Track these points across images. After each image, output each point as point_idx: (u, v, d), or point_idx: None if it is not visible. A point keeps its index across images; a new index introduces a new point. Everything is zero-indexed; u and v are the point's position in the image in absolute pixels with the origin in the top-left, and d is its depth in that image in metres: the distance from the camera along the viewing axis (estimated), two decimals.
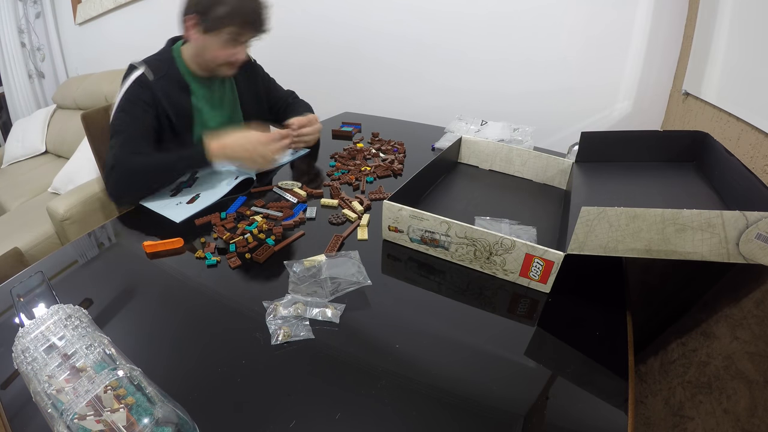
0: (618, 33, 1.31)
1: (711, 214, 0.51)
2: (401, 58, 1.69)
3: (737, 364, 0.54)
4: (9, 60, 2.62)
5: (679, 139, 0.83)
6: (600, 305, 0.63)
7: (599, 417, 0.48)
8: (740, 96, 0.81)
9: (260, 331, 0.55)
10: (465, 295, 0.64)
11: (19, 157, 2.41)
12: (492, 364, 0.54)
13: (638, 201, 0.72)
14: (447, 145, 1.03)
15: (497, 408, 0.48)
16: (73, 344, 0.42)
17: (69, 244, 0.79)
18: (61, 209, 1.47)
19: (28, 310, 0.54)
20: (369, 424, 0.45)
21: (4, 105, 2.83)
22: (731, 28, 0.88)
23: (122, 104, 0.94)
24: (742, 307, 0.57)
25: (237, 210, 0.84)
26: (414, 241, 0.72)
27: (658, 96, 1.31)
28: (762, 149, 0.68)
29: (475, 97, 1.60)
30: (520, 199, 0.92)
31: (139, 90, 0.94)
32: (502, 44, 1.48)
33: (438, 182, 0.96)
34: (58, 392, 0.38)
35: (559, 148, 1.18)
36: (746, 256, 0.52)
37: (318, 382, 0.49)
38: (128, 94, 0.94)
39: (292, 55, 1.85)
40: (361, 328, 0.58)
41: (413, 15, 1.59)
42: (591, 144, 0.89)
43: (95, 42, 2.60)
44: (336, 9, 1.73)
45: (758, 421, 0.47)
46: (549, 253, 0.60)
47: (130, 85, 0.95)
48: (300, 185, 0.94)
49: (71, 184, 1.80)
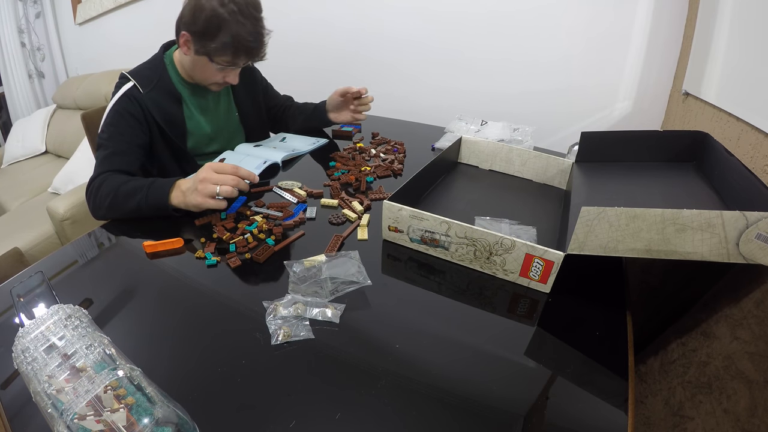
0: (618, 33, 1.31)
1: (711, 214, 0.51)
2: (401, 58, 1.69)
3: (737, 364, 0.54)
4: (9, 60, 2.62)
5: (679, 139, 0.83)
6: (600, 305, 0.63)
7: (599, 417, 0.48)
8: (740, 96, 0.81)
9: (260, 331, 0.55)
10: (465, 295, 0.64)
11: (19, 157, 2.41)
12: (492, 364, 0.54)
13: (638, 201, 0.72)
14: (447, 145, 1.03)
15: (497, 408, 0.48)
16: (73, 344, 0.42)
17: (69, 244, 0.79)
18: (61, 209, 1.47)
19: (28, 310, 0.54)
20: (369, 424, 0.45)
21: (4, 105, 2.83)
22: (731, 28, 0.88)
23: (109, 118, 0.92)
24: (742, 307, 0.57)
25: (237, 210, 0.84)
26: (414, 241, 0.72)
27: (658, 96, 1.31)
28: (762, 149, 0.68)
29: (475, 97, 1.60)
30: (520, 199, 0.92)
31: (127, 104, 0.93)
32: (502, 44, 1.49)
33: (438, 182, 0.96)
34: (58, 392, 0.38)
35: (559, 148, 1.18)
36: (746, 256, 0.52)
37: (318, 382, 0.49)
38: (117, 106, 0.92)
39: (292, 56, 1.85)
40: (361, 328, 0.58)
41: (413, 15, 1.60)
42: (591, 144, 0.89)
43: (95, 42, 2.61)
44: (336, 10, 1.73)
45: (758, 421, 0.47)
46: (549, 253, 0.60)
47: (119, 99, 0.93)
48: (300, 185, 0.94)
49: (71, 184, 1.81)
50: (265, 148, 1.14)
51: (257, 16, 0.92)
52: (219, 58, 0.91)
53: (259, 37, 0.92)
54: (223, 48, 0.89)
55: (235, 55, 0.91)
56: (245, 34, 0.89)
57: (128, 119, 0.92)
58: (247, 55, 0.93)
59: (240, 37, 0.88)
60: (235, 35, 0.88)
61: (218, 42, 0.88)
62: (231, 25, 0.87)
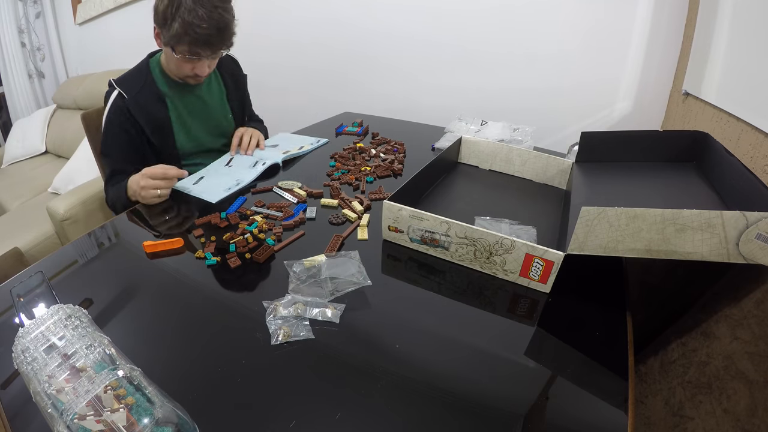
0: (618, 33, 1.31)
1: (711, 214, 0.51)
2: (401, 58, 1.69)
3: (737, 364, 0.54)
4: (9, 60, 2.62)
5: (679, 139, 0.83)
6: (600, 305, 0.63)
7: (599, 417, 0.48)
8: (740, 96, 0.81)
9: (260, 331, 0.55)
10: (465, 295, 0.64)
11: (19, 157, 2.41)
12: (492, 364, 0.54)
13: (638, 201, 0.72)
14: (447, 145, 1.03)
15: (497, 408, 0.48)
16: (73, 344, 0.42)
17: (69, 244, 0.79)
18: (61, 209, 1.47)
19: (28, 310, 0.54)
20: (369, 424, 0.45)
21: (4, 105, 2.83)
22: (731, 28, 0.88)
23: (105, 127, 1.01)
24: (742, 307, 0.57)
25: (237, 210, 0.84)
26: (414, 241, 0.72)
27: (658, 96, 1.31)
28: (762, 149, 0.68)
29: (475, 97, 1.60)
30: (520, 199, 0.92)
31: (116, 112, 0.99)
32: (502, 45, 1.49)
33: (438, 182, 0.96)
34: (58, 392, 0.38)
35: (559, 148, 1.18)
36: (746, 256, 0.52)
37: (318, 382, 0.49)
38: (109, 116, 1.00)
39: (292, 56, 1.85)
40: (361, 328, 0.57)
41: (413, 15, 1.60)
42: (591, 144, 0.89)
43: (95, 42, 2.61)
44: (336, 10, 1.73)
45: (758, 421, 0.47)
46: (549, 253, 0.60)
47: (109, 109, 1.00)
48: (300, 185, 0.94)
49: (71, 184, 1.81)
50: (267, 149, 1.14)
51: (216, 3, 0.89)
52: (178, 47, 0.91)
53: (215, 23, 0.88)
54: (177, 36, 0.88)
55: (191, 44, 0.89)
56: (197, 21, 0.86)
57: (119, 126, 0.99)
58: (205, 43, 0.90)
59: (192, 25, 0.86)
60: (186, 22, 0.86)
61: (173, 30, 0.88)
62: (183, 13, 0.86)
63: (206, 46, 0.91)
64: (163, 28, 0.90)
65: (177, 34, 0.88)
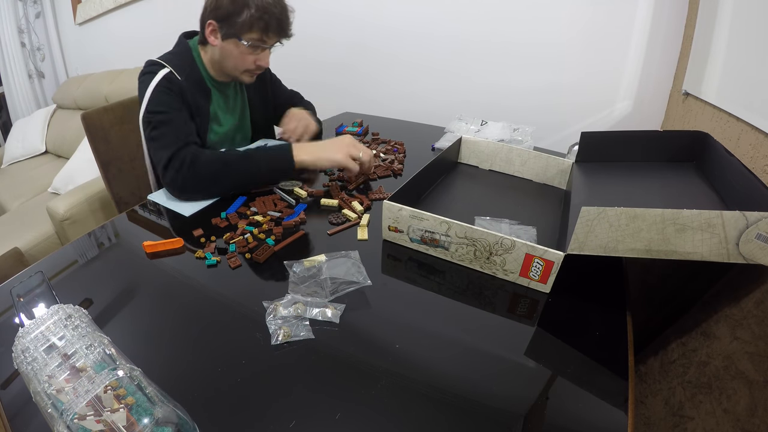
0: (618, 33, 1.31)
1: (711, 214, 0.51)
2: (401, 58, 1.69)
3: (737, 364, 0.54)
4: (9, 60, 2.63)
5: (679, 139, 0.83)
6: (600, 305, 0.63)
7: (599, 417, 0.48)
8: (740, 96, 0.81)
9: (260, 331, 0.55)
10: (465, 295, 0.64)
11: (19, 157, 2.42)
12: (492, 364, 0.54)
13: (638, 201, 0.72)
14: (447, 145, 1.03)
15: (497, 408, 0.48)
16: (73, 344, 0.42)
17: (69, 244, 0.79)
18: (61, 209, 1.47)
19: (28, 310, 0.54)
20: (369, 424, 0.45)
21: (4, 105, 2.83)
22: (731, 28, 0.88)
23: (157, 98, 0.91)
24: (742, 307, 0.57)
25: (237, 210, 0.84)
26: (414, 241, 0.72)
27: (658, 96, 1.31)
28: (762, 149, 0.68)
29: (475, 97, 1.60)
30: (520, 199, 0.92)
31: (170, 85, 0.92)
32: (502, 45, 1.48)
33: (438, 182, 0.96)
34: (58, 392, 0.38)
35: (559, 148, 1.18)
36: (746, 256, 0.52)
37: (318, 382, 0.49)
38: (160, 87, 0.91)
39: (292, 56, 1.85)
40: (361, 328, 0.58)
41: (413, 16, 1.59)
42: (591, 144, 0.89)
43: (95, 42, 2.61)
44: (336, 10, 1.73)
45: (758, 421, 0.47)
46: (549, 253, 0.60)
47: (160, 81, 0.92)
48: (300, 185, 0.94)
49: (71, 184, 1.81)
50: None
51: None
52: (248, 35, 0.91)
53: (283, 7, 0.92)
54: (251, 21, 0.89)
55: (264, 29, 0.91)
56: (270, 4, 0.89)
57: (176, 97, 0.93)
58: (277, 27, 0.92)
59: (266, 8, 0.89)
60: (260, 6, 0.88)
61: (245, 16, 0.88)
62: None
63: (278, 29, 0.93)
64: (227, 20, 0.89)
65: (249, 20, 0.89)
